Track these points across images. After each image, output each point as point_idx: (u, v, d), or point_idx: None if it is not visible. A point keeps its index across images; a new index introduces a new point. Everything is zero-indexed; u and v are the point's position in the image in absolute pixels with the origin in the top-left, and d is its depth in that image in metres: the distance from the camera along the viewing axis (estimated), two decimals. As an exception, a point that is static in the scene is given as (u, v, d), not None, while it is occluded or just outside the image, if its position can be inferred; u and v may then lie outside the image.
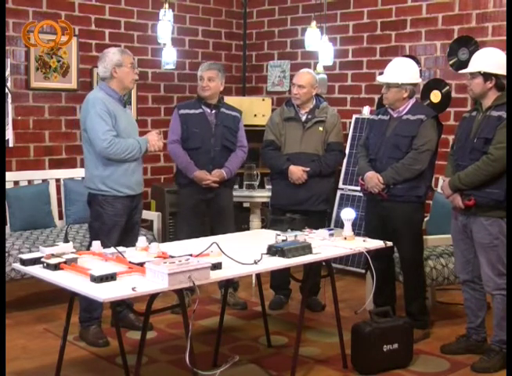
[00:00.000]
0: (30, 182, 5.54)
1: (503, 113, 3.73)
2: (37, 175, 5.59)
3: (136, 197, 4.33)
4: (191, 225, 4.81)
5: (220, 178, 4.82)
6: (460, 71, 4.10)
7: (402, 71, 4.28)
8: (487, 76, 3.78)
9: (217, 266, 3.08)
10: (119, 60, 4.18)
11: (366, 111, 6.10)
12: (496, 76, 3.78)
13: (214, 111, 4.89)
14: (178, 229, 5.03)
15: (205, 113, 4.87)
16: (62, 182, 5.58)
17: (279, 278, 4.96)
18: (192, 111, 4.87)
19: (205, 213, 4.96)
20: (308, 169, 4.72)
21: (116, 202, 4.20)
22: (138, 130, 4.44)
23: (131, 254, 3.31)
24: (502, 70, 3.80)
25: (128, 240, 4.10)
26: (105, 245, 3.40)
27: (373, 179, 4.29)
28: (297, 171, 4.72)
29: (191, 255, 3.14)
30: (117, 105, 4.22)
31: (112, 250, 3.29)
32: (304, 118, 4.81)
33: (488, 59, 3.82)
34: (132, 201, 4.30)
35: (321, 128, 4.77)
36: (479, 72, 3.79)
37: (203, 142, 4.82)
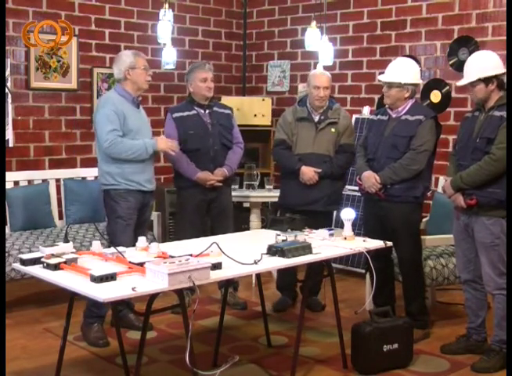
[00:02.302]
0: (30, 182, 5.54)
1: (505, 113, 3.73)
2: (37, 175, 5.59)
3: (147, 193, 4.43)
4: (194, 226, 4.79)
5: (223, 177, 4.84)
6: (459, 84, 3.98)
7: (404, 71, 4.27)
8: (487, 80, 3.78)
9: (217, 266, 3.08)
10: (132, 62, 4.29)
11: (366, 111, 6.10)
12: (496, 77, 3.79)
13: (207, 111, 4.88)
14: (180, 231, 4.99)
15: (199, 115, 4.85)
16: (62, 182, 5.58)
17: (285, 279, 4.94)
18: (186, 113, 4.85)
19: (207, 213, 4.95)
20: (319, 170, 4.69)
21: (128, 195, 4.31)
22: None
23: (131, 254, 3.31)
24: (499, 69, 3.81)
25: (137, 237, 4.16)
26: (122, 241, 3.41)
27: (370, 179, 4.29)
28: (308, 172, 4.69)
29: (191, 255, 3.14)
30: (130, 106, 4.33)
31: (112, 250, 3.29)
32: (317, 119, 4.78)
33: (483, 64, 3.81)
34: (144, 197, 4.40)
35: (333, 130, 4.76)
36: (479, 79, 3.78)
37: (201, 143, 4.81)
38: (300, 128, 4.80)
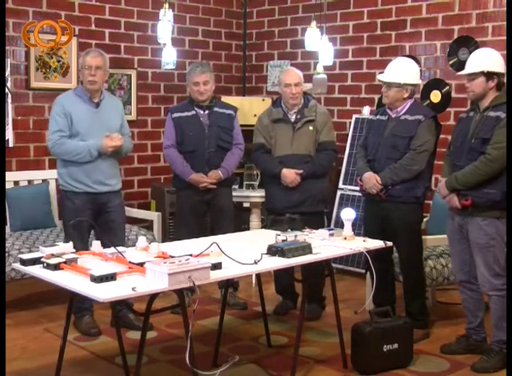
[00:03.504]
0: (30, 182, 5.54)
1: (501, 114, 3.73)
2: (37, 175, 5.60)
3: (100, 195, 4.34)
4: (190, 227, 4.78)
5: (217, 179, 4.80)
6: (460, 73, 3.99)
7: (403, 71, 4.27)
8: (489, 75, 3.78)
9: (217, 266, 3.08)
10: (81, 63, 4.32)
11: (366, 111, 6.10)
12: (497, 75, 3.79)
13: (207, 112, 4.85)
14: (177, 231, 4.99)
15: (198, 115, 4.83)
16: (62, 182, 5.58)
17: (283, 282, 4.91)
18: (184, 114, 4.83)
19: (205, 213, 4.95)
20: (301, 171, 4.61)
21: (75, 198, 4.30)
22: (123, 130, 4.50)
23: (131, 254, 3.31)
24: (502, 69, 3.83)
25: (109, 239, 4.10)
26: (70, 241, 3.34)
27: (371, 180, 4.29)
28: (290, 175, 4.63)
29: (191, 255, 3.14)
30: (84, 105, 4.31)
31: (112, 250, 3.29)
32: (293, 119, 4.71)
33: (488, 59, 3.81)
34: (96, 198, 4.33)
35: (311, 128, 4.68)
36: (482, 72, 3.78)
37: (197, 144, 4.79)
38: (277, 130, 4.73)
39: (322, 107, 4.90)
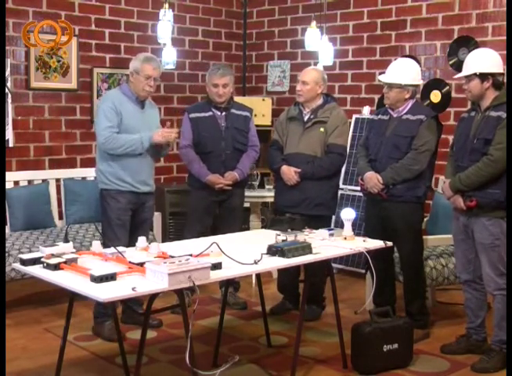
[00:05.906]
0: (30, 182, 5.54)
1: (502, 114, 3.73)
2: (37, 175, 5.59)
3: (141, 194, 4.42)
4: (204, 225, 4.83)
5: (233, 181, 4.81)
6: (456, 76, 4.06)
7: (404, 72, 4.27)
8: (483, 76, 3.78)
9: (217, 266, 3.08)
10: (137, 67, 4.34)
11: (366, 111, 6.09)
12: (492, 75, 3.79)
13: (224, 113, 4.85)
14: (187, 229, 4.95)
15: (215, 116, 4.83)
16: (62, 182, 5.58)
17: (285, 280, 4.89)
18: (202, 114, 4.84)
19: (215, 213, 4.95)
20: (299, 170, 4.58)
21: (119, 196, 4.33)
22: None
23: (131, 254, 3.31)
24: (497, 69, 3.82)
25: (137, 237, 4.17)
26: (113, 241, 3.42)
27: (373, 180, 4.29)
28: (288, 172, 4.60)
29: (191, 255, 3.14)
30: (132, 105, 4.37)
31: (112, 250, 3.29)
32: (306, 118, 4.67)
33: (481, 60, 3.82)
34: (138, 198, 4.41)
35: (322, 129, 4.61)
36: (475, 73, 3.78)
37: (213, 146, 4.80)
38: (290, 128, 4.72)
39: (341, 111, 4.77)
